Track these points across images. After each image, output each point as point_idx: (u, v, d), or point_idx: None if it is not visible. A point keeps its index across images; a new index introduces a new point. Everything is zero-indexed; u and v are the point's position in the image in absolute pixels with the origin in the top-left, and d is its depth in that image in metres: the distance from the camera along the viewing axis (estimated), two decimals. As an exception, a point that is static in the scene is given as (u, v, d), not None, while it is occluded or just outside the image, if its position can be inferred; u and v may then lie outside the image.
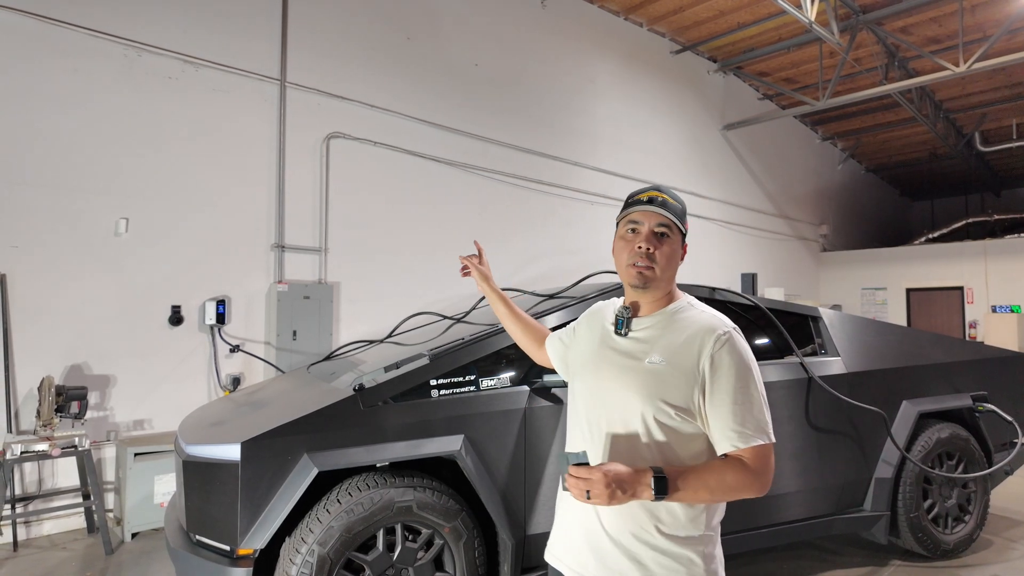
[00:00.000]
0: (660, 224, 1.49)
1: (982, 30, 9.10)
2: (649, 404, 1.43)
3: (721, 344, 1.42)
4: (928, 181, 17.21)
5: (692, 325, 1.47)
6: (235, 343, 5.33)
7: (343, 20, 6.16)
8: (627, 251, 1.51)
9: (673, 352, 1.45)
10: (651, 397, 1.43)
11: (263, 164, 5.59)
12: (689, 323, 1.48)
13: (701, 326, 1.46)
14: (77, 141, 4.63)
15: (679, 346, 1.45)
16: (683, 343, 1.45)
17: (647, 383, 1.44)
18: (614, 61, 8.98)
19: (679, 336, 1.46)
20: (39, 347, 4.44)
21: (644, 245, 1.47)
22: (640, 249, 1.48)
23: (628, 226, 1.52)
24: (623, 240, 1.53)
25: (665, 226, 1.49)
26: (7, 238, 4.35)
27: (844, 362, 3.64)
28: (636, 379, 1.46)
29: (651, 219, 1.49)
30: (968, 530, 3.89)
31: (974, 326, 12.40)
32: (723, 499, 1.40)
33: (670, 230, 1.49)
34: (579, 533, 1.51)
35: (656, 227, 1.49)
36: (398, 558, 2.47)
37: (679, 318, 1.50)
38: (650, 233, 1.48)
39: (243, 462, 2.34)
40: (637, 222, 1.50)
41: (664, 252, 1.48)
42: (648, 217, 1.49)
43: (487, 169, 7.28)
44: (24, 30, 4.42)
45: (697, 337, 1.44)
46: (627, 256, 1.50)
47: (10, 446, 3.82)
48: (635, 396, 1.45)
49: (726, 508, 1.53)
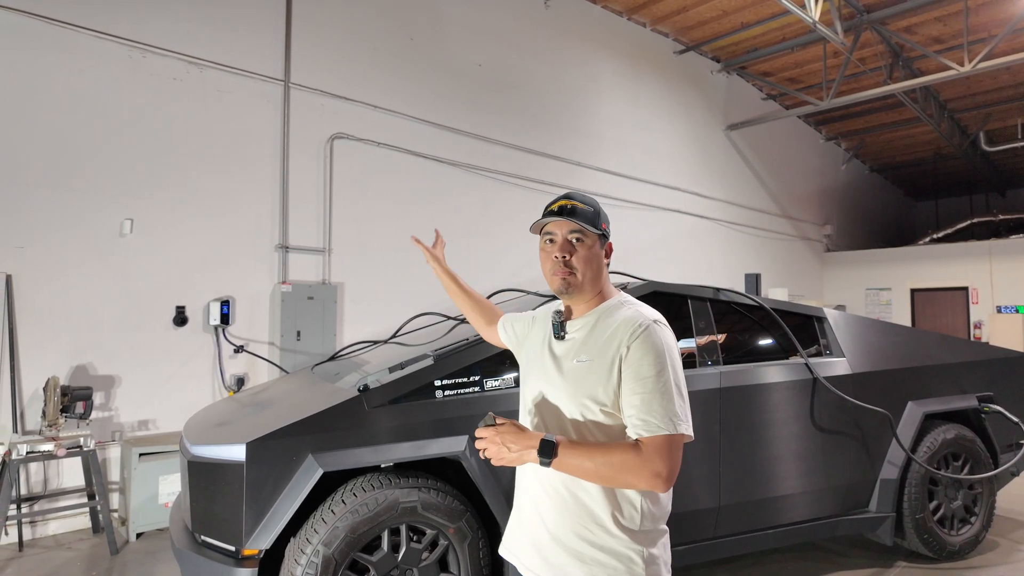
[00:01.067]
0: (572, 232, 1.54)
1: (987, 29, 9.07)
2: (576, 403, 1.48)
3: (637, 335, 1.44)
4: (932, 181, 17.15)
5: (616, 321, 1.51)
6: (239, 344, 5.34)
7: (347, 21, 6.17)
8: (548, 261, 1.58)
9: (597, 349, 1.49)
10: (577, 395, 1.48)
11: (267, 165, 5.60)
12: (616, 319, 1.51)
13: (623, 320, 1.49)
14: (82, 142, 4.65)
15: (603, 343, 1.49)
16: (606, 339, 1.49)
17: (574, 382, 1.49)
18: (617, 61, 8.98)
19: (604, 333, 1.50)
20: (44, 347, 4.46)
21: (559, 255, 1.54)
22: (558, 259, 1.54)
23: (545, 238, 1.59)
24: (543, 252, 1.59)
25: (577, 232, 1.54)
26: (13, 239, 4.36)
27: (849, 363, 3.63)
28: (564, 380, 1.51)
29: (563, 228, 1.55)
30: (974, 532, 3.87)
31: (979, 326, 12.36)
32: (610, 479, 1.38)
33: (584, 235, 1.54)
34: (526, 529, 1.56)
35: (569, 235, 1.54)
36: (403, 559, 2.47)
37: (607, 316, 1.54)
38: (564, 242, 1.54)
39: (248, 462, 2.34)
40: (551, 233, 1.57)
41: (581, 257, 1.53)
42: (560, 227, 1.55)
43: (490, 169, 7.28)
44: (31, 32, 4.44)
45: (618, 331, 1.47)
46: (549, 266, 1.57)
47: (16, 446, 3.83)
48: (564, 396, 1.50)
49: (733, 512, 1.52)
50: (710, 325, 3.34)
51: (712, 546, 3.10)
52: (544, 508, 1.51)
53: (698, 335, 3.28)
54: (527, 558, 1.55)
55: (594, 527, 1.44)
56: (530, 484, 1.56)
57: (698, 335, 3.28)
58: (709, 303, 3.40)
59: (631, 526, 1.44)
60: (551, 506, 1.49)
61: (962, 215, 16.11)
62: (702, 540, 3.08)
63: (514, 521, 1.64)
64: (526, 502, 1.57)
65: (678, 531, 3.00)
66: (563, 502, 1.47)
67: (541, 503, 1.52)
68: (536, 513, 1.53)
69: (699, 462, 3.05)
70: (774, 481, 3.25)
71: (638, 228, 9.11)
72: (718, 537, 3.12)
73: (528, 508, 1.56)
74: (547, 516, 1.50)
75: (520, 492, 1.62)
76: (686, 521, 3.00)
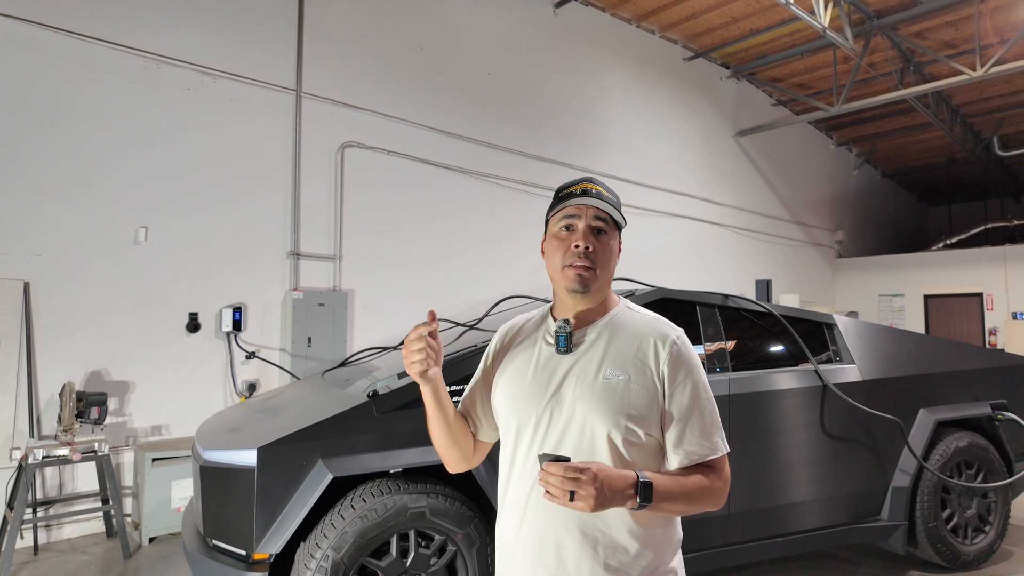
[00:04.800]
0: (597, 218, 1.34)
1: (999, 34, 9.00)
2: (612, 423, 1.28)
3: (675, 352, 1.32)
4: (945, 186, 16.99)
5: (640, 331, 1.35)
6: (251, 350, 5.39)
7: (357, 31, 6.24)
8: (562, 251, 1.34)
9: (627, 363, 1.31)
10: (613, 414, 1.28)
11: (279, 173, 5.66)
12: (635, 329, 1.36)
13: (651, 331, 1.35)
14: (98, 151, 4.73)
15: (632, 356, 1.32)
16: (635, 352, 1.32)
17: (606, 400, 1.29)
18: (626, 68, 9.00)
19: (629, 344, 1.33)
20: (60, 353, 4.53)
21: (582, 244, 1.31)
22: (577, 248, 1.32)
23: (562, 223, 1.35)
24: (557, 239, 1.36)
25: (602, 220, 1.34)
26: (31, 247, 4.44)
27: (860, 369, 3.61)
28: (593, 398, 1.29)
29: (587, 213, 1.33)
30: (988, 541, 3.82)
31: (994, 333, 12.20)
32: (696, 509, 1.28)
33: (607, 225, 1.35)
34: (532, 565, 1.30)
35: (593, 221, 1.33)
36: (411, 564, 2.49)
37: (623, 325, 1.37)
38: (587, 229, 1.33)
39: (259, 468, 2.37)
40: (573, 216, 1.34)
41: (603, 250, 1.34)
42: (584, 211, 1.33)
43: (500, 176, 7.32)
44: (49, 44, 4.53)
45: (649, 341, 1.33)
46: (562, 257, 1.34)
47: (32, 451, 3.89)
48: (596, 417, 1.28)
49: (743, 520, 1.48)
50: (719, 332, 3.33)
51: (722, 554, 3.09)
52: (567, 545, 1.27)
53: (707, 342, 3.27)
54: None
55: (625, 557, 1.28)
56: (537, 520, 1.30)
57: (707, 342, 3.27)
58: (718, 310, 3.39)
59: (654, 546, 1.31)
60: (573, 539, 1.27)
61: (976, 220, 15.94)
62: (712, 548, 3.07)
63: (508, 559, 1.37)
64: (532, 542, 1.30)
65: (688, 539, 2.99)
66: (591, 539, 1.27)
67: (562, 542, 1.28)
68: (553, 554, 1.28)
69: (708, 469, 3.03)
70: (784, 488, 3.23)
71: (648, 234, 9.10)
72: (728, 545, 3.11)
73: (533, 546, 1.30)
74: (570, 556, 1.27)
75: (517, 530, 1.33)
76: (696, 529, 2.99)
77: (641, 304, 3.19)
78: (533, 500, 1.31)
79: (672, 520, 1.36)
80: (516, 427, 1.36)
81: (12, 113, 4.39)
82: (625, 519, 1.28)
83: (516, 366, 1.41)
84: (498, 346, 1.50)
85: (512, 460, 1.37)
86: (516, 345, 1.45)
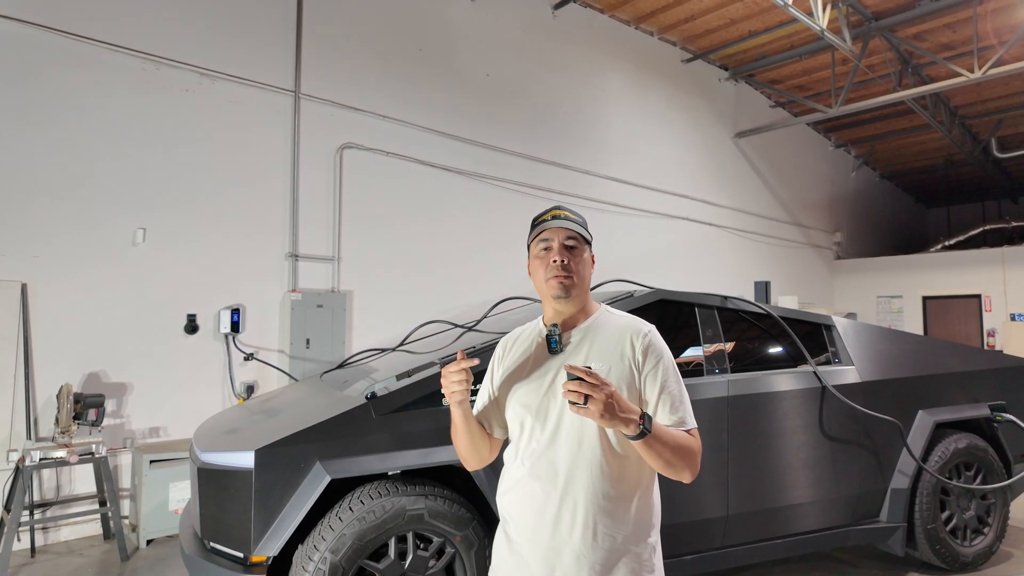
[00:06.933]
0: (568, 237, 1.60)
1: (998, 36, 9.02)
2: None
3: (647, 343, 1.57)
4: (944, 187, 17.02)
5: (618, 329, 1.60)
6: (249, 351, 5.38)
7: (356, 32, 6.24)
8: (543, 267, 1.61)
9: (607, 354, 1.56)
10: None
11: (278, 175, 5.66)
12: (614, 328, 1.61)
13: (626, 326, 1.61)
14: (96, 152, 4.72)
15: (610, 349, 1.56)
16: (613, 346, 1.57)
17: None
18: (625, 70, 9.01)
19: (608, 339, 1.58)
20: (58, 355, 4.51)
21: (558, 258, 1.58)
22: (556, 263, 1.58)
23: (540, 245, 1.63)
24: (538, 259, 1.63)
25: (573, 238, 1.61)
26: (28, 248, 4.43)
27: (858, 371, 3.61)
28: None
29: (559, 234, 1.61)
30: (987, 542, 3.82)
31: (992, 335, 12.21)
32: (675, 464, 1.45)
33: (578, 241, 1.61)
34: (542, 556, 1.50)
35: (566, 240, 1.60)
36: (409, 566, 2.48)
37: (603, 325, 1.62)
38: (561, 246, 1.60)
39: (257, 469, 2.36)
40: (548, 239, 1.61)
41: (577, 261, 1.60)
42: (556, 233, 1.61)
43: (498, 178, 7.32)
44: (48, 45, 4.52)
45: (625, 336, 1.58)
46: (544, 271, 1.60)
47: (29, 452, 3.88)
48: None
49: (742, 522, 1.55)
50: (718, 333, 3.33)
51: (720, 556, 3.09)
52: (567, 566, 1.47)
53: (706, 343, 3.27)
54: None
55: (611, 523, 1.51)
56: (550, 507, 1.51)
57: (706, 343, 3.27)
58: (717, 311, 3.39)
59: (654, 524, 1.60)
60: (574, 560, 1.47)
61: (974, 222, 15.98)
62: (710, 549, 3.07)
63: (507, 554, 1.58)
64: (544, 534, 1.51)
65: (686, 540, 2.99)
66: (584, 509, 1.49)
67: (561, 512, 1.49)
68: (563, 537, 1.49)
69: (707, 471, 3.03)
70: (783, 490, 3.23)
71: (646, 236, 9.11)
72: (727, 547, 3.10)
73: (545, 537, 1.50)
74: (579, 533, 1.48)
75: (512, 557, 1.56)
76: (694, 530, 2.99)
77: (640, 306, 3.21)
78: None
79: (651, 501, 1.59)
80: (520, 419, 1.60)
81: (11, 113, 4.38)
82: (612, 495, 1.50)
83: (517, 368, 1.65)
84: (501, 354, 1.74)
85: (516, 446, 1.62)
86: (516, 351, 1.70)
